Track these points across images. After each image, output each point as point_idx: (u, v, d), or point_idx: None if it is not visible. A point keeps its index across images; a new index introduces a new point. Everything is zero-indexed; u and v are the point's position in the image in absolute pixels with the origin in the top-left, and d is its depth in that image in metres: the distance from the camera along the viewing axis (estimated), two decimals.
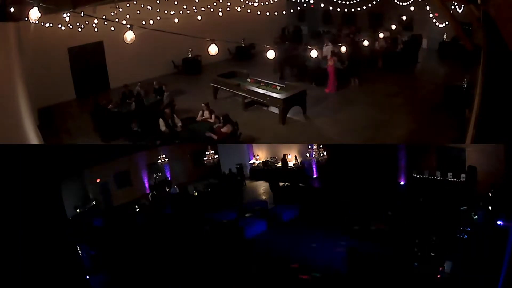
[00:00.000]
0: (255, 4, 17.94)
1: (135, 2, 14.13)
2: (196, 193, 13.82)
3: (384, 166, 11.86)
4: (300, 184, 13.04)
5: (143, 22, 12.38)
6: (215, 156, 14.05)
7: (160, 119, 10.97)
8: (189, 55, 18.16)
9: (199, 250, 9.14)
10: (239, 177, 15.23)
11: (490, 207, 8.65)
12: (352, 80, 15.17)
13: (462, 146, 10.62)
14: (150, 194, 14.52)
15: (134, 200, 14.06)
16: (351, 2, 19.43)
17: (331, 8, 19.91)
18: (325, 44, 16.32)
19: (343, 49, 12.28)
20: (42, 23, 11.55)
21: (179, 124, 11.21)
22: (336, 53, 15.03)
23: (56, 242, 5.81)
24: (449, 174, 11.02)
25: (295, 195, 12.24)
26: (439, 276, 6.36)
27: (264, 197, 13.43)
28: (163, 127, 10.83)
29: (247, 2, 17.49)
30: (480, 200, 9.18)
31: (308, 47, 10.53)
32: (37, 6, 4.60)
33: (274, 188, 12.99)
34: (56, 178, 6.76)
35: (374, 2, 19.01)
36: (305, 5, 20.98)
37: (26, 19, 5.27)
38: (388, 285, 6.71)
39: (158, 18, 14.90)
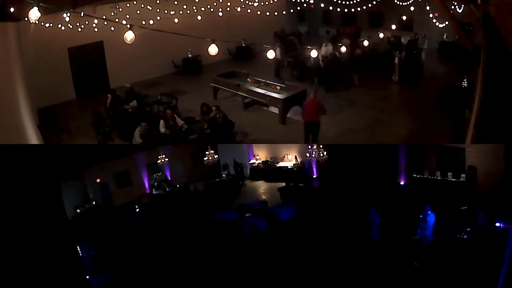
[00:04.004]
0: (255, 4, 17.93)
1: (135, 2, 14.13)
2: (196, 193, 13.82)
3: (384, 166, 11.85)
4: (300, 184, 13.03)
5: (143, 22, 12.36)
6: (215, 156, 14.05)
7: (161, 120, 10.94)
8: (189, 55, 18.16)
9: (199, 249, 9.14)
10: (239, 177, 15.23)
11: (490, 207, 8.65)
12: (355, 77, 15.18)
13: (462, 146, 10.62)
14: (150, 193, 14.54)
15: (134, 200, 14.06)
16: (351, 2, 19.43)
17: (331, 8, 19.91)
18: (324, 44, 16.33)
19: (343, 49, 12.28)
20: (42, 23, 11.54)
21: (181, 123, 11.20)
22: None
23: (56, 242, 5.81)
24: (449, 174, 11.02)
25: (294, 195, 12.26)
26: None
27: (264, 197, 13.42)
28: (162, 129, 10.80)
29: (247, 2, 17.48)
30: (480, 200, 9.17)
31: (308, 47, 10.54)
32: (37, 6, 4.60)
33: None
34: (56, 178, 6.75)
35: (374, 2, 19.00)
36: (305, 5, 20.98)
37: (26, 19, 5.28)
38: (387, 284, 6.71)
39: (158, 18, 14.89)
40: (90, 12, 12.63)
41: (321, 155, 12.15)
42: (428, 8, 17.18)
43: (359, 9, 19.50)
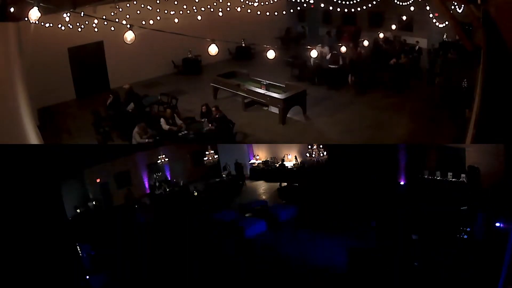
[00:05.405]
0: (255, 4, 17.93)
1: (135, 2, 14.12)
2: (196, 193, 13.83)
3: (384, 166, 11.85)
4: (300, 184, 13.04)
5: (143, 22, 12.37)
6: (215, 156, 14.06)
7: (162, 118, 11.00)
8: (189, 55, 18.16)
9: (199, 250, 9.14)
10: (239, 177, 15.25)
11: (490, 207, 8.64)
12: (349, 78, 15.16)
13: (462, 146, 10.62)
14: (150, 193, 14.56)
15: (134, 200, 14.06)
16: (351, 2, 19.43)
17: (331, 8, 19.92)
18: (320, 45, 16.36)
19: (343, 49, 12.28)
20: (42, 23, 11.54)
21: (179, 123, 11.21)
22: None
23: (56, 242, 5.81)
24: (449, 174, 11.02)
25: (294, 195, 12.26)
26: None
27: (264, 197, 13.43)
28: (165, 125, 10.86)
29: (247, 2, 17.48)
30: (480, 200, 9.17)
31: (308, 47, 10.55)
32: (37, 6, 4.60)
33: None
34: (56, 178, 6.76)
35: (374, 2, 19.00)
36: (305, 5, 20.98)
37: (26, 19, 5.27)
38: (388, 285, 6.71)
39: (158, 18, 14.89)
40: (90, 12, 12.64)
41: (321, 155, 12.16)
42: (428, 8, 17.18)
43: (359, 9, 19.49)
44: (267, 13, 19.67)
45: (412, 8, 18.52)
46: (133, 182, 15.40)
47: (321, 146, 12.24)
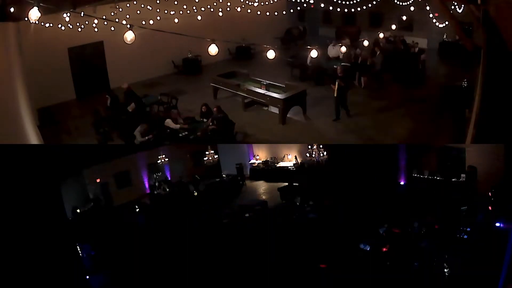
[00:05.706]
0: (255, 4, 17.94)
1: (135, 2, 14.13)
2: (196, 193, 13.81)
3: (384, 166, 11.85)
4: (298, 184, 13.02)
5: (143, 22, 12.37)
6: (215, 156, 14.06)
7: (168, 120, 11.04)
8: (189, 55, 18.16)
9: (200, 249, 9.14)
10: (239, 177, 15.24)
11: (490, 207, 8.65)
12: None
13: (462, 146, 10.62)
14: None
15: (134, 200, 14.06)
16: (351, 2, 19.43)
17: (331, 8, 19.92)
18: (332, 44, 16.34)
19: (343, 49, 12.28)
20: (42, 23, 11.55)
21: (180, 122, 11.24)
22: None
23: (56, 242, 5.82)
24: (449, 174, 11.01)
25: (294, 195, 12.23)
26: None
27: (264, 197, 13.42)
28: (174, 125, 10.91)
29: (247, 2, 17.49)
30: (480, 200, 9.17)
31: (308, 47, 10.53)
32: (37, 6, 4.60)
33: None
34: (56, 178, 6.76)
35: (374, 2, 19.01)
36: (305, 5, 20.98)
37: (26, 19, 5.28)
38: (388, 285, 6.71)
39: (158, 18, 14.89)
40: (90, 12, 12.64)
41: (321, 155, 12.16)
42: (428, 8, 17.18)
43: (359, 9, 19.49)
44: (267, 13, 19.66)
45: (412, 8, 18.52)
46: (133, 182, 15.39)
47: (321, 146, 12.24)
